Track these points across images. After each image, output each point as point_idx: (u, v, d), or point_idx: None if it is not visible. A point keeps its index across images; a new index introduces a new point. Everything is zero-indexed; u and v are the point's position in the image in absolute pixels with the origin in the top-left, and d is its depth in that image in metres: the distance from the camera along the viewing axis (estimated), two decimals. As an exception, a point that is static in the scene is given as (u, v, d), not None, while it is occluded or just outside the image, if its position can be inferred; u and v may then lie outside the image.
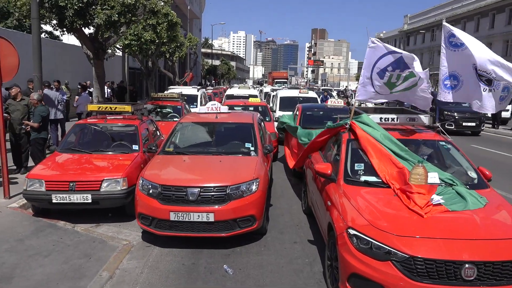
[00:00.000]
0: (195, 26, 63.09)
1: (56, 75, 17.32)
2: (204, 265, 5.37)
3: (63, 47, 22.08)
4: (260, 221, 5.94)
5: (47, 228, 6.42)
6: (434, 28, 60.61)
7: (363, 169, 5.27)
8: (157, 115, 12.79)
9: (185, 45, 31.02)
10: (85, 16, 12.00)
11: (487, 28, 48.39)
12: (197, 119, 8.24)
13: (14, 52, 7.51)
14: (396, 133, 5.66)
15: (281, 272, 5.21)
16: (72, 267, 5.16)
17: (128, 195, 6.65)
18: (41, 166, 7.16)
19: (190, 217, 5.59)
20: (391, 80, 5.99)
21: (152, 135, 8.96)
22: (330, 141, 6.75)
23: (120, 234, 6.40)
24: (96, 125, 8.47)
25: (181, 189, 5.72)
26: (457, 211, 4.33)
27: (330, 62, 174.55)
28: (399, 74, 5.93)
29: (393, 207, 4.48)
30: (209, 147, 7.47)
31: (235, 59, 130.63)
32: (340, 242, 4.27)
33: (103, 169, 7.02)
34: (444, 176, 4.92)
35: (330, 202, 5.01)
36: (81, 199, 6.50)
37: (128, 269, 5.25)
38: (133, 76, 33.08)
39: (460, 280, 3.67)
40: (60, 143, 8.17)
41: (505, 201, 4.78)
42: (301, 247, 5.98)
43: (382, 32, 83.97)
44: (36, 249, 5.65)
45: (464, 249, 3.81)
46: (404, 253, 3.79)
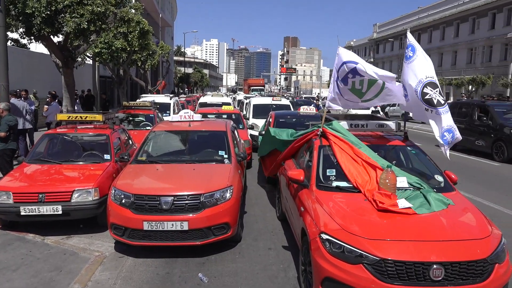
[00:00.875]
0: (167, 34, 62.70)
1: (23, 84, 16.87)
2: (178, 274, 5.34)
3: (31, 55, 21.56)
4: (234, 228, 5.95)
5: (16, 241, 6.24)
6: (402, 37, 62.25)
7: (335, 174, 5.38)
8: (129, 124, 12.64)
9: (157, 53, 30.81)
10: (53, 24, 11.79)
11: (452, 37, 50.11)
12: (170, 128, 8.21)
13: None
14: (366, 140, 5.80)
15: (256, 279, 5.23)
16: (42, 281, 5.04)
17: (100, 206, 6.54)
18: (9, 178, 6.96)
19: (164, 226, 5.55)
20: (355, 86, 6.04)
21: (124, 144, 8.85)
22: (302, 148, 6.84)
23: (92, 245, 6.28)
24: (66, 134, 8.29)
25: (154, 198, 5.67)
26: (424, 214, 4.47)
27: (302, 70, 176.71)
28: (361, 80, 5.97)
29: (364, 211, 4.59)
30: (183, 155, 7.44)
31: (208, 67, 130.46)
32: (313, 247, 4.34)
33: (74, 179, 6.87)
34: (412, 180, 5.08)
35: (303, 208, 5.08)
36: (51, 211, 6.34)
37: (100, 280, 5.16)
38: (104, 85, 32.52)
39: (429, 281, 3.79)
40: (28, 154, 7.96)
41: (470, 203, 4.97)
42: (276, 253, 6.02)
43: (352, 40, 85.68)
44: (4, 263, 5.48)
45: (432, 250, 3.93)
46: (375, 256, 3.89)
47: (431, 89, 5.41)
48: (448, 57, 50.85)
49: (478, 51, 45.47)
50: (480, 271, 3.88)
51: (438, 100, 5.38)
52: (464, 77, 40.07)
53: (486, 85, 37.32)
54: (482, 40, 44.47)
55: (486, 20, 44.01)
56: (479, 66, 44.09)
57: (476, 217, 4.57)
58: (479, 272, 3.88)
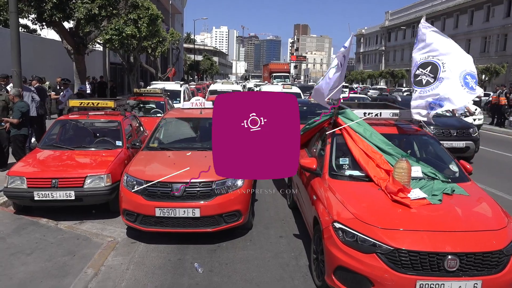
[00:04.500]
0: (177, 21, 62.46)
1: (34, 70, 16.95)
2: (190, 261, 5.37)
3: (42, 41, 21.63)
4: (245, 216, 5.96)
5: (30, 225, 6.32)
6: (415, 25, 61.36)
7: (348, 163, 5.33)
8: (139, 111, 12.66)
9: (167, 40, 30.72)
10: (64, 10, 11.77)
11: (466, 25, 49.26)
12: (181, 115, 8.20)
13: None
14: (379, 128, 5.73)
15: (267, 266, 5.25)
16: (56, 265, 5.10)
17: (112, 192, 6.59)
18: (22, 163, 7.02)
19: (176, 213, 5.57)
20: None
21: (135, 131, 8.87)
22: (314, 137, 6.79)
23: (104, 231, 6.34)
24: (78, 121, 8.34)
25: (166, 185, 5.69)
26: (439, 204, 4.42)
27: (312, 58, 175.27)
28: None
29: (377, 201, 4.55)
30: (194, 142, 7.44)
31: (218, 55, 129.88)
32: (326, 235, 4.32)
33: (86, 165, 6.92)
34: (427, 170, 5.02)
35: (315, 197, 5.06)
36: (64, 196, 6.41)
37: (113, 265, 5.22)
38: (114, 72, 32.63)
39: (443, 271, 3.76)
40: (41, 140, 8.02)
41: (485, 194, 4.90)
42: (287, 241, 6.03)
43: (364, 28, 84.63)
44: (19, 247, 5.56)
45: (446, 241, 3.90)
46: (388, 245, 3.86)
47: (421, 69, 5.49)
48: (461, 46, 49.68)
49: (493, 39, 44.67)
50: (496, 262, 3.84)
51: (428, 80, 5.39)
52: (477, 66, 39.41)
53: (500, 75, 36.69)
54: (496, 28, 43.64)
55: (501, 7, 43.11)
56: (493, 55, 43.34)
57: (492, 207, 4.51)
58: (495, 263, 3.84)
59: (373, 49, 79.69)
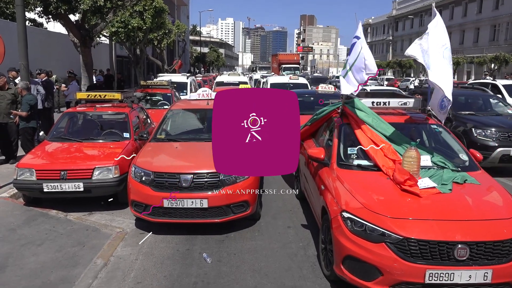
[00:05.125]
0: (183, 13, 62.30)
1: (41, 63, 17.02)
2: (198, 251, 5.39)
3: (48, 35, 21.69)
4: (253, 206, 5.96)
5: (39, 217, 6.37)
6: (423, 13, 60.68)
7: (356, 153, 5.30)
8: (146, 103, 12.67)
9: (173, 32, 30.66)
10: (70, 2, 11.77)
11: (475, 13, 48.57)
12: (188, 106, 8.19)
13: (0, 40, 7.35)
14: (388, 117, 5.68)
15: (275, 256, 5.25)
16: (66, 255, 5.14)
17: (120, 183, 6.62)
18: (31, 155, 7.06)
19: (184, 204, 5.59)
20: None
21: (142, 122, 8.88)
22: (322, 127, 6.75)
23: (113, 222, 6.38)
24: (86, 113, 8.37)
25: (174, 176, 5.69)
26: (449, 193, 4.38)
27: (319, 49, 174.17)
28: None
29: (386, 190, 4.52)
30: (201, 133, 7.43)
31: (224, 46, 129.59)
32: (334, 225, 4.31)
33: (94, 157, 6.95)
34: (437, 159, 4.97)
35: (323, 186, 5.04)
36: (73, 188, 6.45)
37: (122, 256, 5.25)
38: (121, 64, 32.69)
39: (453, 260, 3.73)
40: (49, 132, 8.06)
41: (495, 183, 4.84)
42: (295, 232, 6.02)
43: (370, 18, 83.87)
44: (29, 238, 5.61)
45: (456, 230, 3.86)
46: (398, 234, 3.84)
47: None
48: (470, 34, 49.44)
49: (502, 27, 44.02)
50: (507, 251, 3.80)
51: None
52: (486, 55, 38.93)
53: (510, 63, 36.23)
54: (506, 16, 42.99)
55: (512, -5, 42.42)
56: (502, 44, 42.75)
57: (503, 196, 4.46)
58: (505, 252, 3.80)
59: (380, 39, 78.95)
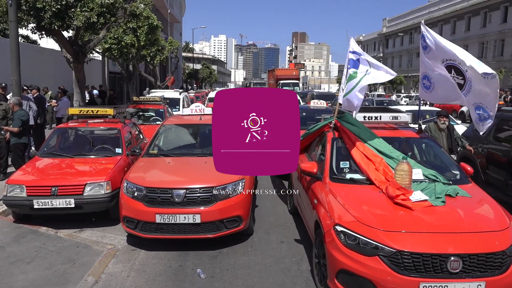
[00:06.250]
0: (176, 30, 62.77)
1: (34, 79, 16.98)
2: (191, 267, 5.33)
3: (41, 51, 21.71)
4: (246, 221, 5.93)
5: (29, 234, 6.28)
6: (412, 31, 61.76)
7: (349, 167, 5.32)
8: (139, 119, 12.66)
9: (166, 48, 30.83)
10: (63, 18, 11.83)
11: (463, 31, 49.56)
12: (180, 121, 8.20)
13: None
14: (380, 131, 5.73)
15: (268, 272, 5.21)
16: (56, 273, 5.06)
17: (112, 199, 6.56)
18: (21, 172, 6.99)
19: (176, 219, 5.54)
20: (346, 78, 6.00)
21: (135, 138, 8.86)
22: (314, 141, 6.79)
23: (104, 239, 6.30)
24: (78, 128, 8.33)
25: (166, 191, 5.66)
26: (441, 206, 4.40)
27: (311, 65, 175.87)
28: (347, 72, 5.93)
29: (379, 203, 4.53)
30: (194, 148, 7.43)
31: (217, 63, 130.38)
32: (327, 239, 4.30)
33: (86, 173, 6.89)
34: (428, 172, 5.01)
35: (316, 200, 5.04)
36: (63, 204, 6.37)
37: (114, 273, 5.17)
38: (113, 80, 32.71)
39: (446, 273, 3.74)
40: (40, 148, 8.00)
41: (487, 195, 4.88)
42: (288, 247, 5.99)
43: (361, 35, 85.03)
44: (18, 255, 5.52)
45: (449, 242, 3.88)
46: (391, 247, 3.84)
47: (451, 74, 5.41)
48: (459, 51, 50.26)
49: (490, 45, 44.94)
50: (499, 263, 3.82)
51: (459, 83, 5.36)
52: (475, 72, 39.53)
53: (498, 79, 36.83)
54: (494, 34, 43.94)
55: (498, 13, 43.46)
56: (490, 60, 43.54)
57: (494, 209, 4.49)
58: (498, 264, 3.82)
59: (371, 56, 79.95)
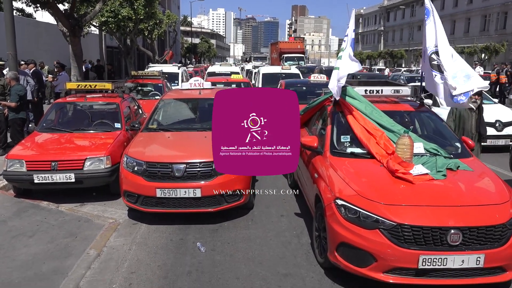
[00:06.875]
0: (174, 3, 61.68)
1: (30, 54, 16.75)
2: (192, 240, 5.37)
3: (37, 25, 21.35)
4: (246, 195, 5.94)
5: (30, 208, 6.31)
6: (414, 4, 60.67)
7: (349, 141, 5.29)
8: (138, 94, 12.54)
9: (164, 22, 30.36)
10: (59, -9, 11.59)
11: (466, 3, 48.67)
12: (180, 96, 8.12)
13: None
14: (381, 105, 5.67)
15: (269, 245, 5.25)
16: (58, 246, 5.10)
17: (112, 174, 6.55)
18: (21, 147, 6.96)
19: (177, 193, 5.55)
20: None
21: (134, 113, 8.78)
22: (314, 116, 6.74)
23: (105, 213, 6.33)
24: (76, 103, 8.26)
25: (166, 166, 5.65)
26: (442, 179, 4.40)
27: (310, 39, 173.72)
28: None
29: (379, 177, 4.52)
30: (193, 123, 7.39)
31: (215, 37, 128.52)
32: (328, 212, 4.31)
33: (86, 147, 6.87)
34: (429, 146, 4.99)
35: (317, 174, 5.03)
36: (64, 179, 6.38)
37: (115, 246, 5.22)
38: (111, 55, 32.34)
39: (446, 246, 3.76)
40: (39, 123, 7.94)
41: (488, 169, 4.88)
42: (288, 220, 6.03)
43: (362, 8, 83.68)
44: (20, 229, 5.55)
45: (449, 215, 3.89)
46: (391, 221, 3.85)
47: (436, 57, 5.47)
48: (460, 25, 49.57)
49: (493, 17, 44.21)
50: (499, 236, 3.84)
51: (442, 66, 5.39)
52: (477, 45, 39.10)
53: (500, 53, 36.43)
54: (497, 6, 43.14)
55: (502, -15, 42.54)
56: (493, 34, 42.98)
57: (495, 182, 4.49)
58: (497, 237, 3.84)
59: (371, 30, 78.91)
